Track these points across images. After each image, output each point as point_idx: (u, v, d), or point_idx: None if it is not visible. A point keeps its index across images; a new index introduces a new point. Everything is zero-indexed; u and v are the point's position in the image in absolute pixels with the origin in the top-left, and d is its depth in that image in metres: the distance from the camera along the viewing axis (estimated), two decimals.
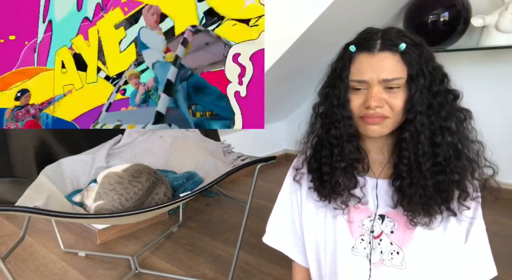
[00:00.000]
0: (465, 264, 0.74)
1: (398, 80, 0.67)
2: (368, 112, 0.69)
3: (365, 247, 0.77)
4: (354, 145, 0.74)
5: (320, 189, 0.78)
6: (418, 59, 0.68)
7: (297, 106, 3.19)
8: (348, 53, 0.71)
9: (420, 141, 0.68)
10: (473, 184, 0.71)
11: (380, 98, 0.68)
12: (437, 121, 0.68)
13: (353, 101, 0.71)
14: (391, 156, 0.76)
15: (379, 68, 0.67)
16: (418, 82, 0.67)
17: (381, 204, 0.77)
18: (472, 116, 0.71)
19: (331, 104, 0.73)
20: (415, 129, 0.68)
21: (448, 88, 0.71)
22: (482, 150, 0.71)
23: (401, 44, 0.67)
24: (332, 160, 0.75)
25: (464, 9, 2.08)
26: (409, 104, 0.68)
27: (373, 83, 0.68)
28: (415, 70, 0.67)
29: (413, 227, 0.73)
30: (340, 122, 0.72)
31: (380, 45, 0.69)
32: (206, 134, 1.85)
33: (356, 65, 0.70)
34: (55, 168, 1.47)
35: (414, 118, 0.68)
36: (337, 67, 0.73)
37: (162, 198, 1.35)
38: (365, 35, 0.71)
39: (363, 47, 0.70)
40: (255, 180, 1.38)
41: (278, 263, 1.66)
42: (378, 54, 0.68)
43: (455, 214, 0.71)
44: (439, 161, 0.68)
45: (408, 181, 0.70)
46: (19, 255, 1.78)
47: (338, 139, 0.73)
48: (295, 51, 2.09)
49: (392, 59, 0.68)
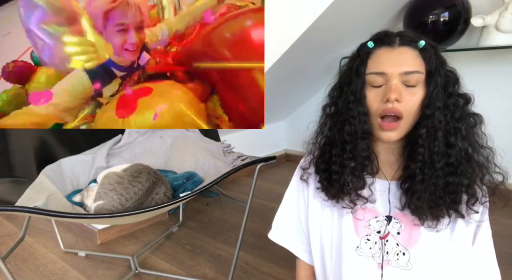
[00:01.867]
0: (470, 267, 0.74)
1: (418, 74, 0.68)
2: (386, 106, 0.68)
3: (371, 247, 0.77)
4: (366, 143, 0.74)
5: (329, 188, 0.78)
6: (435, 58, 0.69)
7: (297, 106, 3.19)
8: (366, 49, 0.72)
9: (436, 138, 0.68)
10: (482, 189, 0.72)
11: (400, 91, 0.67)
12: (451, 121, 0.68)
13: (370, 97, 0.71)
14: (400, 159, 0.76)
15: (399, 61, 0.68)
16: (436, 79, 0.68)
17: (391, 205, 0.77)
18: (483, 121, 0.72)
19: (346, 101, 0.73)
20: (432, 125, 0.68)
21: (460, 92, 0.71)
22: (492, 155, 0.71)
23: (421, 41, 0.69)
24: (342, 158, 0.74)
25: (464, 9, 2.08)
26: (428, 100, 0.68)
27: (393, 76, 0.68)
28: (433, 67, 0.68)
29: (420, 228, 0.73)
30: (356, 118, 0.72)
31: (400, 40, 0.70)
32: (206, 134, 1.85)
33: (374, 59, 0.71)
34: (55, 168, 1.47)
35: (433, 114, 0.67)
36: (353, 65, 0.73)
37: (162, 198, 1.35)
38: (382, 32, 0.73)
39: (383, 42, 0.71)
40: (255, 180, 1.38)
41: (278, 263, 1.66)
42: (398, 48, 0.69)
43: (463, 216, 0.71)
44: (452, 162, 0.68)
45: (420, 177, 0.69)
46: (19, 255, 1.77)
47: (352, 135, 0.73)
48: (295, 51, 2.09)
49: (412, 53, 0.69)
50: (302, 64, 2.39)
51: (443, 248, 0.73)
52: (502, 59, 2.18)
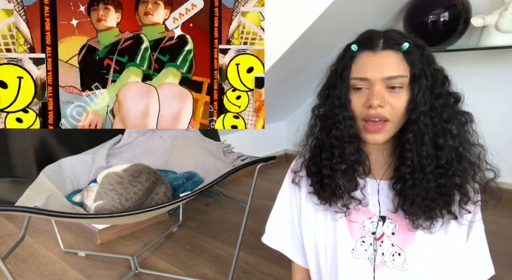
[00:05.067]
0: (465, 264, 0.74)
1: (401, 78, 0.67)
2: (370, 112, 0.68)
3: (366, 249, 0.77)
4: (354, 146, 0.73)
5: (321, 192, 0.77)
6: (420, 59, 0.68)
7: (297, 106, 3.19)
8: (350, 53, 0.71)
9: (424, 142, 0.67)
10: (474, 188, 0.71)
11: (383, 97, 0.67)
12: (439, 123, 0.68)
13: (354, 101, 0.71)
14: (391, 158, 0.75)
15: (381, 66, 0.67)
16: (421, 82, 0.67)
17: (382, 206, 0.77)
18: (473, 119, 0.71)
19: (332, 105, 0.72)
20: (418, 130, 0.67)
21: (449, 91, 0.70)
22: (483, 153, 0.71)
23: (404, 44, 0.67)
24: (332, 162, 0.74)
25: (464, 9, 2.08)
26: (412, 105, 0.67)
27: (376, 81, 0.67)
28: (418, 70, 0.67)
29: (414, 230, 0.73)
30: (341, 122, 0.71)
31: (383, 44, 0.69)
32: (206, 134, 1.85)
33: (358, 64, 0.70)
34: (55, 168, 1.47)
35: (418, 118, 0.67)
36: (338, 67, 0.72)
37: (162, 198, 1.35)
38: (367, 35, 0.71)
39: (366, 46, 0.70)
40: (255, 180, 1.38)
41: (278, 263, 1.66)
42: (381, 52, 0.68)
43: (456, 217, 0.71)
44: (442, 163, 0.68)
45: (411, 182, 0.69)
46: (19, 255, 1.77)
47: (339, 140, 0.72)
48: (295, 51, 2.09)
49: (395, 57, 0.68)
50: (302, 64, 2.39)
51: (438, 248, 0.73)
52: (502, 59, 2.18)
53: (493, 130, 0.74)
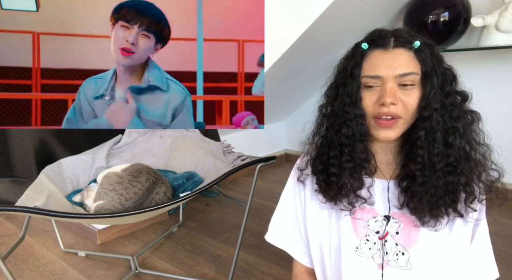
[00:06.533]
0: (469, 265, 0.75)
1: (413, 76, 0.67)
2: (382, 110, 0.68)
3: (370, 247, 0.77)
4: (364, 144, 0.73)
5: (327, 190, 0.77)
6: (431, 57, 0.68)
7: (297, 106, 3.19)
8: (360, 51, 0.71)
9: (435, 140, 0.68)
10: (479, 187, 0.72)
11: (395, 94, 0.67)
12: (449, 121, 0.68)
13: (365, 99, 0.71)
14: (398, 157, 0.76)
15: (394, 64, 0.67)
16: (432, 80, 0.67)
17: (390, 204, 0.77)
18: (480, 118, 0.71)
19: (342, 103, 0.72)
20: (430, 127, 0.68)
21: (458, 89, 0.71)
22: (489, 152, 0.71)
23: (416, 42, 0.68)
24: (341, 161, 0.74)
25: (464, 9, 2.08)
26: (424, 102, 0.68)
27: (388, 79, 0.67)
28: (429, 67, 0.68)
29: (419, 227, 0.73)
30: (353, 120, 0.71)
31: (394, 42, 0.69)
32: (206, 134, 1.85)
33: (369, 61, 0.70)
34: (55, 168, 1.47)
35: (430, 115, 0.67)
36: (348, 66, 0.72)
37: (162, 198, 1.35)
38: (377, 33, 0.72)
39: (377, 44, 0.70)
40: (255, 180, 1.38)
41: (278, 263, 1.66)
42: (393, 50, 0.69)
43: (461, 216, 0.71)
44: (451, 161, 0.68)
45: (421, 180, 0.69)
46: (19, 255, 1.78)
47: (349, 138, 0.72)
48: (295, 51, 2.09)
49: (407, 55, 0.68)
50: (302, 64, 2.39)
51: (442, 247, 0.73)
52: (502, 59, 2.18)
53: (492, 130, 0.74)
